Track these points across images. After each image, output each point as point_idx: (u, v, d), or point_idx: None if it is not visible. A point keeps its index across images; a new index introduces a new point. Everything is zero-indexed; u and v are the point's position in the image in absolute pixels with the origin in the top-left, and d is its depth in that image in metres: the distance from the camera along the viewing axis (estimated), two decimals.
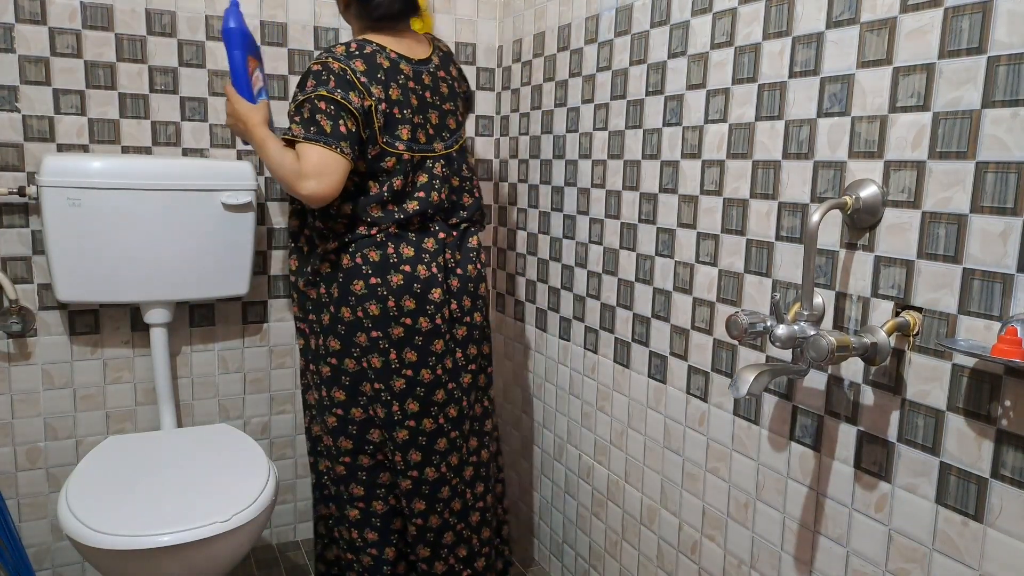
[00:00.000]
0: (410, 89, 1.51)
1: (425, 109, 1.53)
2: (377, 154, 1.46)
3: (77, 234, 1.64)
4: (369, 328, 1.49)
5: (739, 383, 1.00)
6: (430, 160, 1.54)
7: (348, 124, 1.40)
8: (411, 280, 1.49)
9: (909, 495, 1.02)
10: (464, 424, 1.61)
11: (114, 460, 1.58)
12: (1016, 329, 0.83)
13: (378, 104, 1.44)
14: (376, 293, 1.48)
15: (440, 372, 1.54)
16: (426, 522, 1.60)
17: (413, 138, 1.50)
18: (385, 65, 1.47)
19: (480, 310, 1.61)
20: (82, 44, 1.73)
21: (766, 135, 1.21)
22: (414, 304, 1.49)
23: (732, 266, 1.30)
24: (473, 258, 1.60)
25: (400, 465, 1.57)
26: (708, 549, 1.40)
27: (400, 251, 1.49)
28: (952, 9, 0.93)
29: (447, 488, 1.61)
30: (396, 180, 1.49)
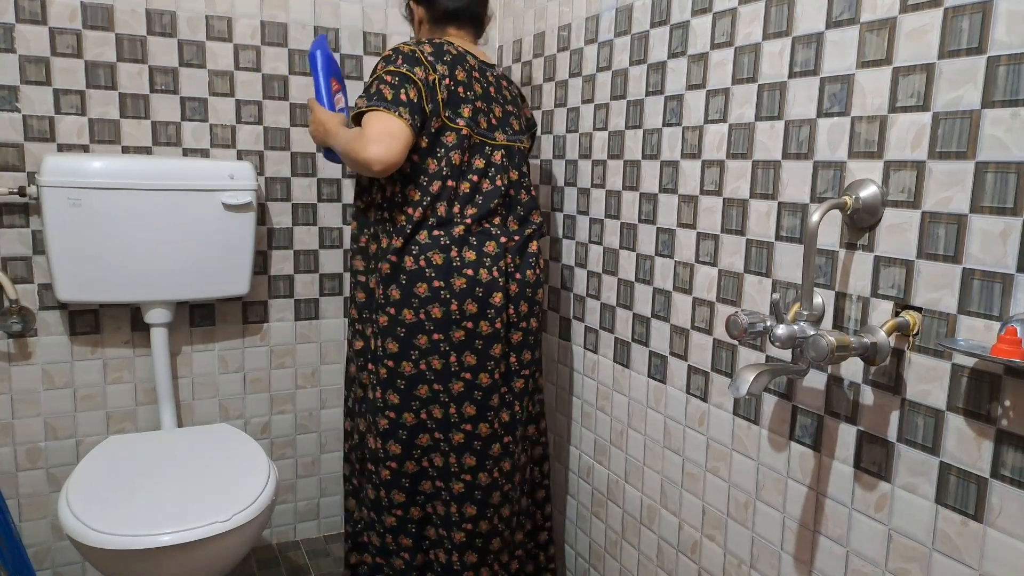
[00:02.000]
0: (475, 78, 1.55)
1: (489, 99, 1.57)
2: (439, 128, 1.48)
3: (77, 234, 1.64)
4: (431, 331, 1.49)
5: (739, 383, 1.00)
6: (489, 147, 1.55)
7: (410, 93, 1.43)
8: (473, 284, 1.50)
9: (909, 495, 1.02)
10: (516, 429, 1.61)
11: (114, 460, 1.58)
12: (1016, 329, 0.83)
13: (442, 79, 1.47)
14: (439, 296, 1.48)
15: (497, 376, 1.55)
16: (475, 527, 1.58)
17: (474, 119, 1.52)
18: (453, 52, 1.53)
19: (536, 316, 1.61)
20: (82, 44, 1.74)
21: (766, 135, 1.21)
22: (476, 308, 1.50)
23: (732, 266, 1.30)
24: (532, 263, 1.59)
25: (454, 467, 1.55)
26: (708, 549, 1.40)
27: (463, 255, 1.50)
28: (952, 9, 0.93)
29: (498, 493, 1.59)
30: (454, 154, 1.49)
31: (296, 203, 1.99)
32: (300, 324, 2.05)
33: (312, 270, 2.04)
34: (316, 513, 2.17)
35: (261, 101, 1.91)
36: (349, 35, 1.98)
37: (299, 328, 2.05)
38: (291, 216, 1.99)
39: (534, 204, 1.63)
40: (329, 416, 2.13)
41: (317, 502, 2.17)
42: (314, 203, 2.01)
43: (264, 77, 1.91)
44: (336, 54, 1.97)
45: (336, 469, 2.16)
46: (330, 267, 2.06)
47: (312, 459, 2.13)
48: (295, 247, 2.01)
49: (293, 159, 1.97)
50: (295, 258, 2.02)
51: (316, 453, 2.13)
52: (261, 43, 1.89)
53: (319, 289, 2.06)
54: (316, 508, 2.17)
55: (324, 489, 2.17)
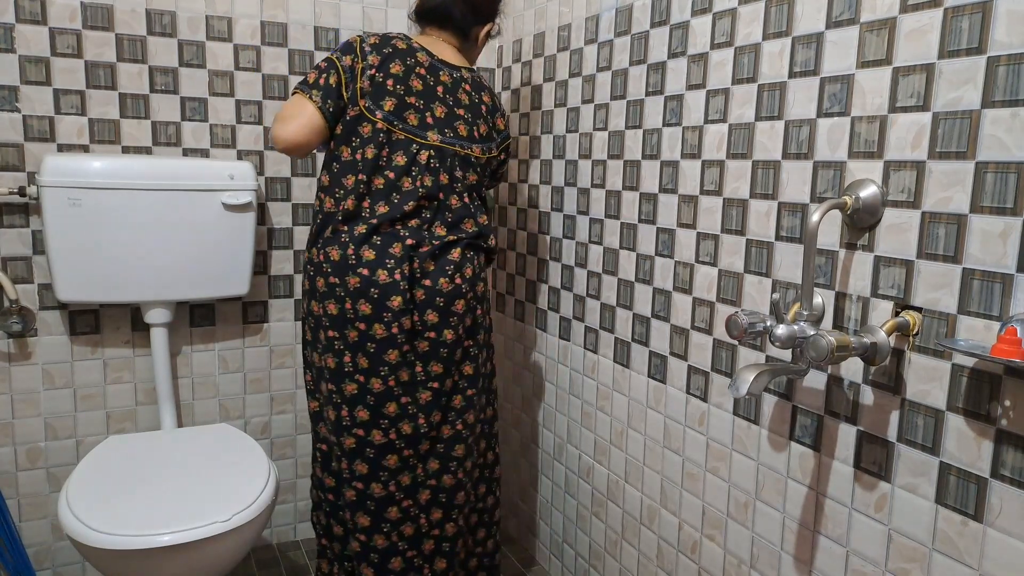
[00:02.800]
0: (417, 74, 1.52)
1: (430, 98, 1.52)
2: (355, 116, 1.48)
3: (77, 234, 1.64)
4: (327, 327, 1.50)
5: (739, 383, 1.00)
6: (416, 145, 1.49)
7: (331, 79, 1.47)
8: (368, 284, 1.44)
9: (909, 495, 1.02)
10: (421, 443, 1.53)
11: (114, 460, 1.58)
12: (1016, 329, 0.83)
13: (368, 68, 1.48)
14: (335, 293, 1.47)
15: (392, 383, 1.48)
16: (370, 540, 1.54)
17: (398, 114, 1.48)
18: (400, 47, 1.53)
19: (452, 327, 1.50)
20: (82, 44, 1.74)
21: (766, 135, 1.21)
22: (369, 309, 1.45)
23: (732, 266, 1.30)
24: (449, 272, 1.49)
25: (345, 474, 1.52)
26: (708, 549, 1.40)
27: (360, 253, 1.46)
28: (952, 9, 0.93)
29: (395, 508, 1.53)
30: (368, 148, 1.47)
31: (296, 203, 1.99)
32: (300, 324, 2.05)
33: None
34: None
35: (261, 101, 1.91)
36: (349, 35, 1.98)
37: (299, 328, 2.05)
38: (291, 216, 1.99)
39: (467, 212, 1.54)
40: None
41: None
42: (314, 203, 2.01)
43: (264, 77, 1.91)
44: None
45: None
46: None
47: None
48: (295, 247, 2.01)
49: (293, 159, 1.97)
50: (295, 258, 2.02)
51: None
52: (261, 43, 1.89)
53: None
54: None
55: None
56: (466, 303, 1.53)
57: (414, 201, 1.48)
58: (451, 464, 1.57)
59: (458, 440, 1.57)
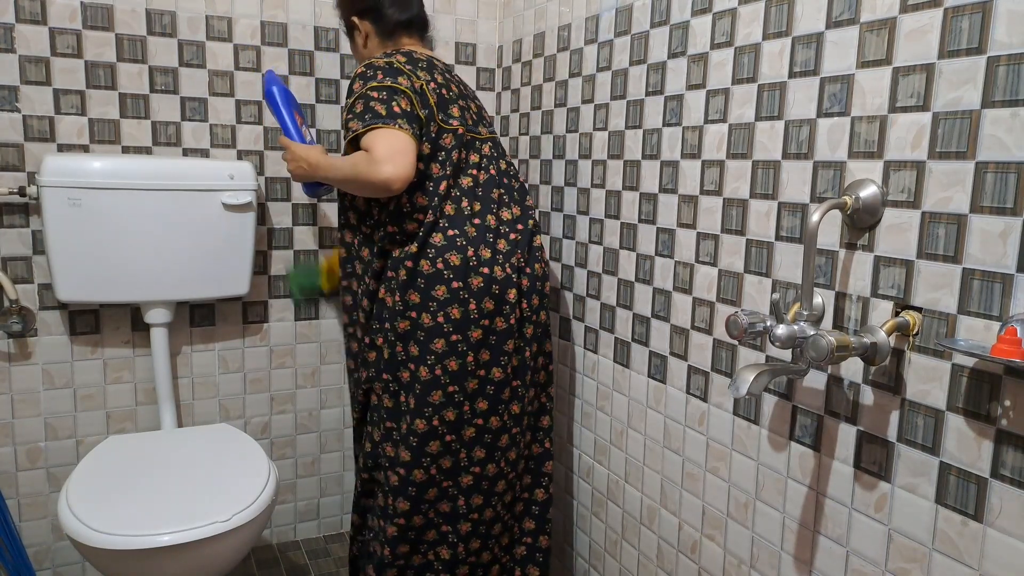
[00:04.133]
0: (449, 79, 1.58)
1: (465, 97, 1.60)
2: (437, 131, 1.49)
3: (77, 234, 1.64)
4: (449, 332, 1.49)
5: (739, 383, 1.00)
6: (479, 141, 1.58)
7: (402, 104, 1.42)
8: (490, 282, 1.50)
9: (909, 495, 1.02)
10: (524, 420, 1.63)
11: (114, 460, 1.58)
12: (1016, 329, 0.83)
13: (428, 83, 1.50)
14: (458, 297, 1.48)
15: (509, 371, 1.56)
16: (481, 516, 1.60)
17: (463, 117, 1.55)
18: (420, 58, 1.55)
19: (545, 308, 1.63)
20: (82, 44, 1.74)
21: (766, 135, 1.21)
22: (492, 305, 1.51)
23: (732, 266, 1.30)
24: (539, 257, 1.61)
25: (464, 462, 1.56)
26: (708, 549, 1.40)
27: (480, 253, 1.50)
28: (952, 9, 0.93)
29: (503, 482, 1.61)
30: (454, 154, 1.52)
31: (296, 203, 1.99)
32: (300, 324, 2.05)
33: None
34: (316, 513, 2.17)
35: (261, 101, 1.91)
36: None
37: (299, 328, 2.05)
38: (291, 216, 1.99)
39: (526, 190, 1.66)
40: (329, 416, 2.13)
41: (317, 502, 2.17)
42: (314, 203, 2.01)
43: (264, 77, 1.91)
44: (335, 54, 1.97)
45: (336, 469, 2.16)
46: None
47: (312, 459, 2.13)
48: (295, 247, 2.01)
49: None
50: (295, 258, 2.02)
51: (316, 453, 2.13)
52: (261, 43, 1.89)
53: None
54: (316, 508, 2.17)
55: (324, 489, 2.17)
56: (548, 284, 1.64)
57: (495, 188, 1.57)
58: (539, 434, 1.69)
59: (543, 412, 1.70)
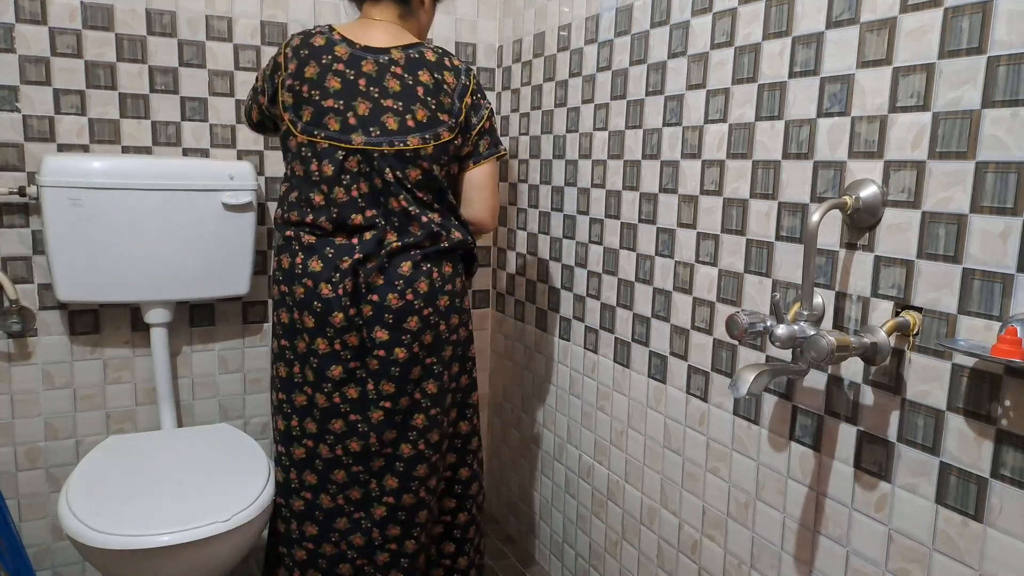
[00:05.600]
0: (334, 71, 1.37)
1: (351, 95, 1.37)
2: (284, 131, 1.43)
3: (77, 234, 1.64)
4: (280, 335, 1.48)
5: (739, 383, 1.00)
6: (342, 151, 1.36)
7: (257, 83, 1.50)
8: (312, 297, 1.39)
9: (909, 495, 1.02)
10: (373, 461, 1.46)
11: (114, 460, 1.58)
12: (1016, 329, 0.83)
13: (287, 78, 1.39)
14: (284, 302, 1.45)
15: (338, 400, 1.43)
16: (318, 547, 1.50)
17: (316, 122, 1.37)
18: (317, 43, 1.40)
19: (406, 345, 1.41)
20: (82, 44, 1.74)
21: (766, 135, 1.21)
22: (312, 323, 1.40)
23: (732, 266, 1.30)
24: (399, 287, 1.39)
25: (295, 483, 1.49)
26: (708, 549, 1.40)
27: (308, 264, 1.39)
28: (952, 9, 0.93)
29: (344, 519, 1.49)
30: (296, 164, 1.41)
31: None
32: None
33: None
34: None
35: None
36: None
37: None
38: None
39: (414, 215, 1.40)
40: None
41: None
42: None
43: None
44: None
45: None
46: None
47: None
48: None
49: None
50: None
51: None
52: (261, 43, 1.89)
53: None
54: None
55: None
56: (421, 319, 1.42)
57: (356, 212, 1.38)
58: (412, 483, 1.48)
59: (420, 460, 1.48)
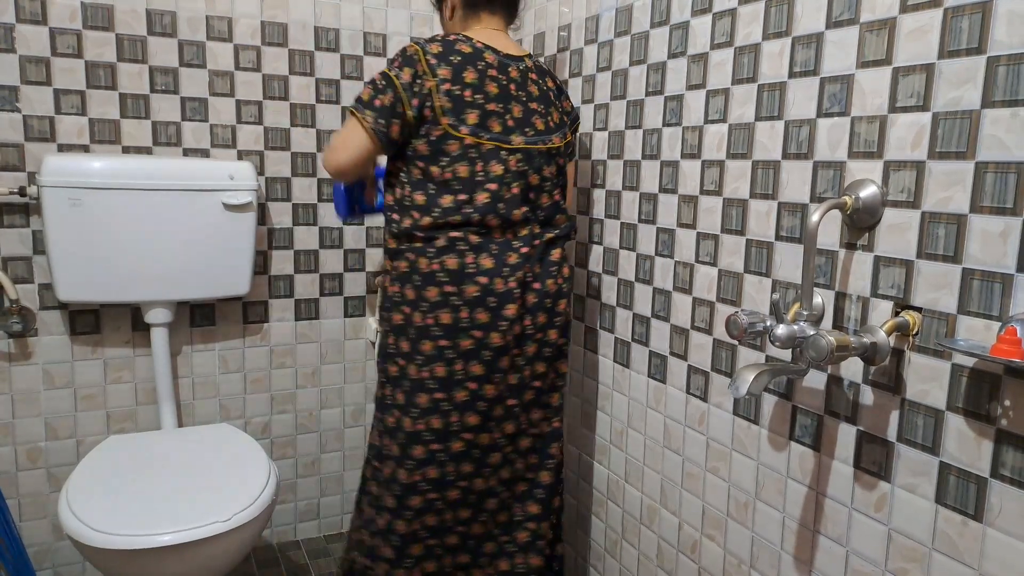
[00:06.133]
0: (490, 76, 1.44)
1: (507, 99, 1.45)
2: (440, 135, 1.40)
3: (78, 234, 1.64)
4: (438, 336, 1.44)
5: (739, 383, 1.00)
6: (504, 151, 1.43)
7: (386, 100, 1.39)
8: (486, 293, 1.43)
9: (909, 495, 1.02)
10: (520, 440, 1.55)
11: (115, 460, 1.58)
12: (1016, 329, 0.83)
13: (442, 83, 1.39)
14: (448, 302, 1.43)
15: (503, 388, 1.49)
16: (468, 529, 1.54)
17: (482, 124, 1.42)
18: (465, 51, 1.43)
19: (557, 327, 1.52)
20: (82, 44, 1.74)
21: (766, 135, 1.21)
22: (487, 318, 1.43)
23: (732, 266, 1.30)
24: (553, 272, 1.49)
25: (451, 476, 1.49)
26: (708, 549, 1.40)
27: (479, 262, 1.43)
28: (952, 9, 0.93)
29: (494, 500, 1.55)
30: (460, 166, 1.41)
31: (296, 203, 2.00)
32: (300, 324, 2.05)
33: (312, 270, 2.04)
34: (316, 513, 2.17)
35: (261, 101, 1.91)
36: (349, 36, 1.98)
37: (299, 328, 2.05)
38: (291, 216, 1.99)
39: (557, 208, 1.53)
40: (329, 416, 2.13)
41: (317, 502, 2.17)
42: (314, 203, 2.02)
43: (264, 77, 1.91)
44: (336, 54, 1.97)
45: (336, 469, 2.16)
46: (330, 267, 2.06)
47: (312, 459, 2.13)
48: (295, 247, 2.01)
49: (293, 159, 1.97)
50: (295, 258, 2.02)
51: (316, 453, 2.14)
52: (261, 43, 1.89)
53: (319, 289, 2.06)
54: (316, 508, 2.17)
55: (324, 489, 2.17)
56: (568, 302, 1.54)
57: (516, 208, 1.45)
58: (548, 462, 1.59)
59: (555, 438, 1.59)
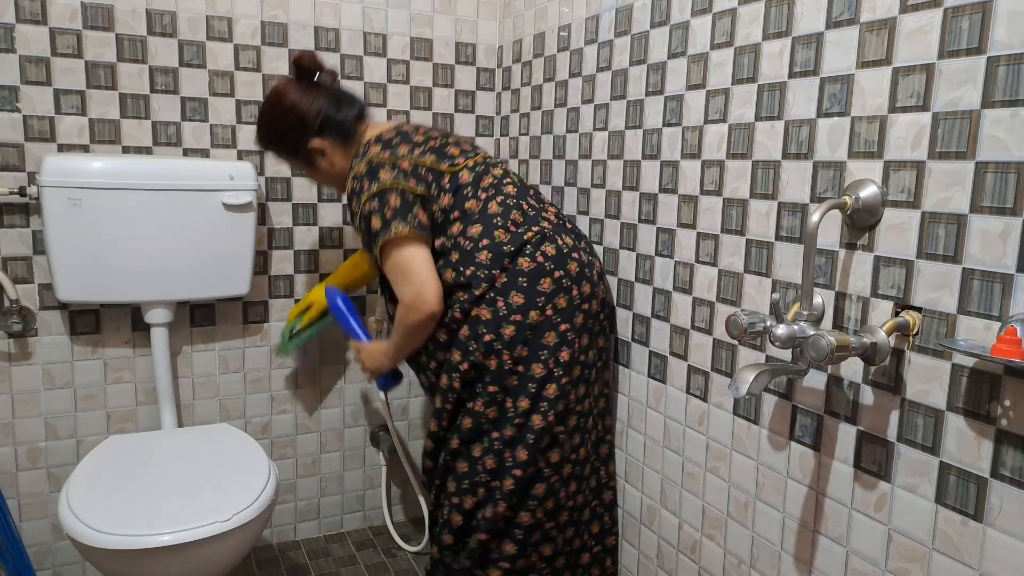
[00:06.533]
0: (418, 126, 1.57)
1: (444, 134, 1.58)
2: (449, 178, 1.48)
3: (78, 234, 1.64)
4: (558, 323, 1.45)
5: (739, 383, 1.00)
6: (480, 167, 1.54)
7: (394, 203, 1.43)
8: (581, 265, 1.49)
9: (909, 495, 1.02)
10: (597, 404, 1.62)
11: (115, 460, 1.58)
12: (1015, 329, 0.83)
13: (411, 151, 1.49)
14: (561, 285, 1.45)
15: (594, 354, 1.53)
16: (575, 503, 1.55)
17: (460, 155, 1.53)
18: (391, 134, 1.52)
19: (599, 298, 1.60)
20: (83, 44, 1.74)
21: (766, 135, 1.21)
22: (589, 288, 1.49)
23: (732, 266, 1.30)
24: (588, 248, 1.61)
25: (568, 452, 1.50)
26: (708, 549, 1.40)
27: (564, 241, 1.48)
28: (952, 9, 0.93)
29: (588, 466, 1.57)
30: (484, 180, 1.50)
31: (296, 203, 2.00)
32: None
33: (312, 270, 2.04)
34: (316, 513, 2.18)
35: (261, 101, 1.91)
36: (349, 36, 1.98)
37: None
38: (291, 216, 1.99)
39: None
40: (329, 416, 2.13)
41: (317, 502, 2.17)
42: (314, 203, 2.02)
43: (264, 77, 1.91)
44: (336, 54, 1.97)
45: (336, 469, 2.16)
46: (330, 267, 2.06)
47: (312, 459, 2.13)
48: (295, 247, 2.01)
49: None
50: (295, 258, 2.02)
51: (316, 453, 2.14)
52: (261, 43, 1.89)
53: None
54: (316, 508, 2.17)
55: (324, 489, 2.17)
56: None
57: (522, 196, 1.53)
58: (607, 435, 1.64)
59: (610, 411, 1.66)
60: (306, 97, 1.54)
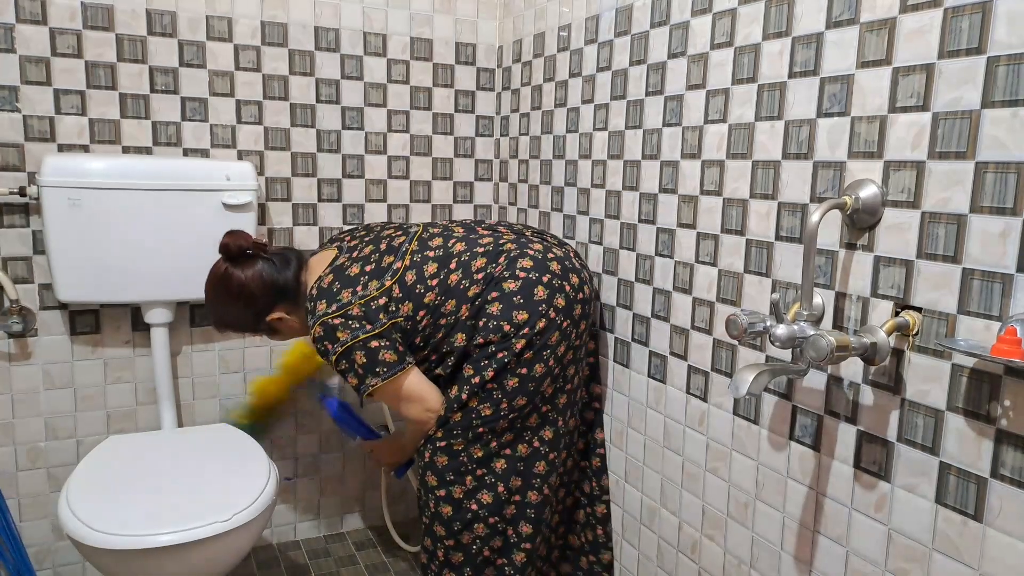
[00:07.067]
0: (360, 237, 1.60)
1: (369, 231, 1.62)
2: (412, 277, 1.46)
3: (78, 234, 1.64)
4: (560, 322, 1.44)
5: (739, 383, 1.00)
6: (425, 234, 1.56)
7: (375, 344, 1.42)
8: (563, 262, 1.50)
9: (909, 495, 1.02)
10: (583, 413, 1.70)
11: (115, 460, 1.58)
12: (1015, 329, 0.83)
13: (364, 291, 1.45)
14: (554, 285, 1.45)
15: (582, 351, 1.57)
16: (565, 503, 1.66)
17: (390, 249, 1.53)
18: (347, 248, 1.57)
19: None
20: (83, 44, 1.74)
21: (766, 135, 1.21)
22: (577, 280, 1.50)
23: (732, 266, 1.30)
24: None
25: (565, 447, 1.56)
26: (708, 549, 1.40)
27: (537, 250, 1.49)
28: (952, 9, 0.93)
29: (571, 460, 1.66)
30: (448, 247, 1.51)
31: (296, 203, 2.00)
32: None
33: None
34: (316, 513, 2.17)
35: (261, 101, 1.91)
36: (349, 36, 1.98)
37: None
38: (291, 216, 1.99)
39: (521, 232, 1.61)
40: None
41: (317, 502, 2.17)
42: (314, 203, 2.02)
43: (264, 77, 1.91)
44: (336, 54, 1.97)
45: (336, 469, 2.16)
46: None
47: (312, 459, 2.13)
48: (295, 247, 2.01)
49: (293, 159, 1.97)
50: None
51: (316, 453, 2.13)
52: (261, 43, 1.89)
53: None
54: (316, 508, 2.17)
55: (324, 489, 2.17)
56: None
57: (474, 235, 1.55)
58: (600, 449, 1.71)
59: (599, 423, 1.72)
60: (249, 273, 1.51)
